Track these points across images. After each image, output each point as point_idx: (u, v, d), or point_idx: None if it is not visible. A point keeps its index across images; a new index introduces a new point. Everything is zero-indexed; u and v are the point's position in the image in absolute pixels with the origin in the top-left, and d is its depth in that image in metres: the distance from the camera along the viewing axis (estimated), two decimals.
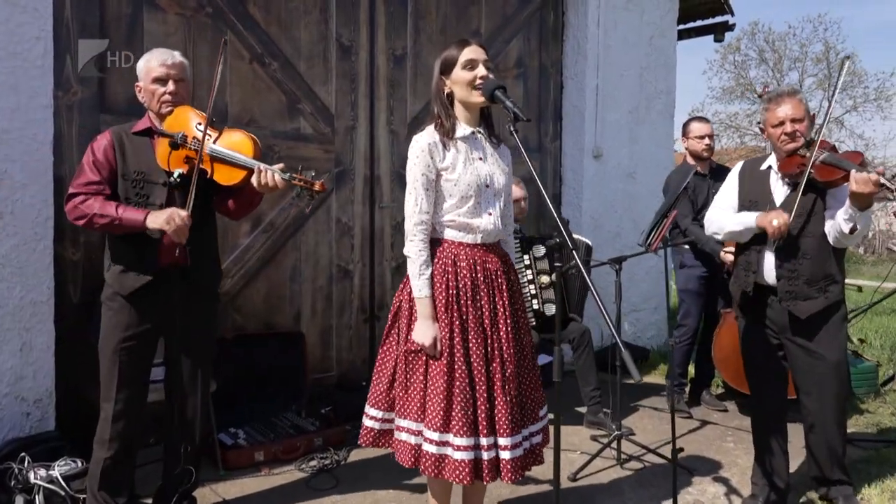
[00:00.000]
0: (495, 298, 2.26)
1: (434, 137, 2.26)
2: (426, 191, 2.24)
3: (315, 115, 4.09)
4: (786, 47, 24.25)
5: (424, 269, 2.23)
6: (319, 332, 4.18)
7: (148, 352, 2.56)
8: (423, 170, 2.23)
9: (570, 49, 5.47)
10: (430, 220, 2.26)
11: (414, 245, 2.24)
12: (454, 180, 2.24)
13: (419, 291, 2.22)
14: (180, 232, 2.34)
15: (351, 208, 4.27)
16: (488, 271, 2.27)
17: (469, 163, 2.26)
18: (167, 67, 2.54)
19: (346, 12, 4.19)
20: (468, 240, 2.27)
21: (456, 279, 2.24)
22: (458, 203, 2.25)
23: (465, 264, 2.25)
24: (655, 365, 5.44)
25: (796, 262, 2.74)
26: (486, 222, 2.27)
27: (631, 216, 5.82)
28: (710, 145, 4.23)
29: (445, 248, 2.27)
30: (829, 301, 2.74)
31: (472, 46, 2.26)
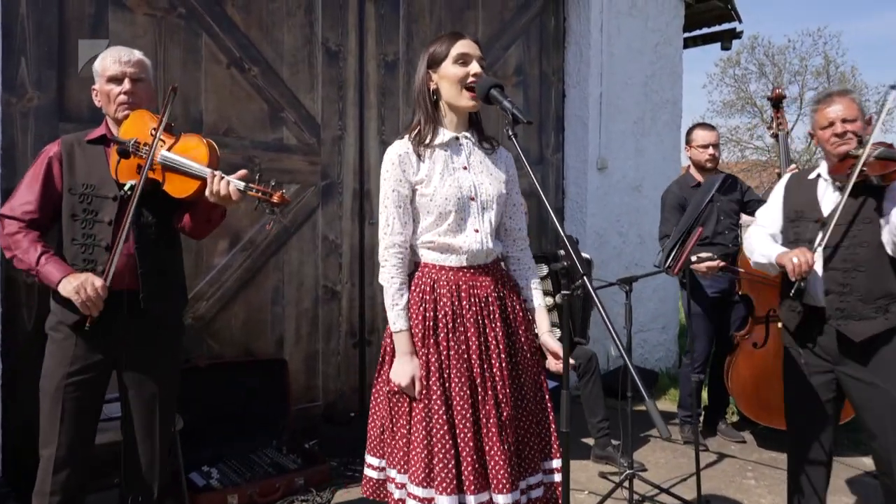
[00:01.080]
0: (485, 328, 1.95)
1: (406, 147, 1.97)
2: (398, 209, 1.95)
3: (300, 125, 3.80)
4: (786, 61, 24.14)
5: (398, 298, 1.94)
6: (304, 358, 3.86)
7: (98, 389, 2.23)
8: (393, 185, 1.95)
9: (571, 56, 5.20)
10: (404, 243, 1.97)
11: (386, 272, 1.96)
12: (429, 195, 1.95)
13: (394, 324, 1.94)
14: (91, 304, 2.04)
15: (339, 224, 3.97)
16: (476, 297, 1.96)
17: (448, 173, 1.97)
18: (122, 65, 2.23)
19: (333, 15, 3.92)
20: (451, 262, 1.97)
21: (434, 307, 1.94)
22: (437, 221, 1.96)
23: (445, 290, 1.95)
24: (665, 389, 5.12)
25: (848, 275, 2.41)
26: (470, 241, 1.97)
27: (637, 231, 5.52)
28: (714, 155, 3.93)
29: (424, 274, 1.98)
30: (890, 324, 2.38)
31: (466, 40, 1.97)
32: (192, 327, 3.45)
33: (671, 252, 2.72)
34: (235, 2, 3.56)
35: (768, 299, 3.72)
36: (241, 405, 3.45)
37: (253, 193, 2.03)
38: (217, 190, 2.03)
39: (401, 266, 1.96)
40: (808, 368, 2.55)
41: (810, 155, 23.92)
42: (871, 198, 2.41)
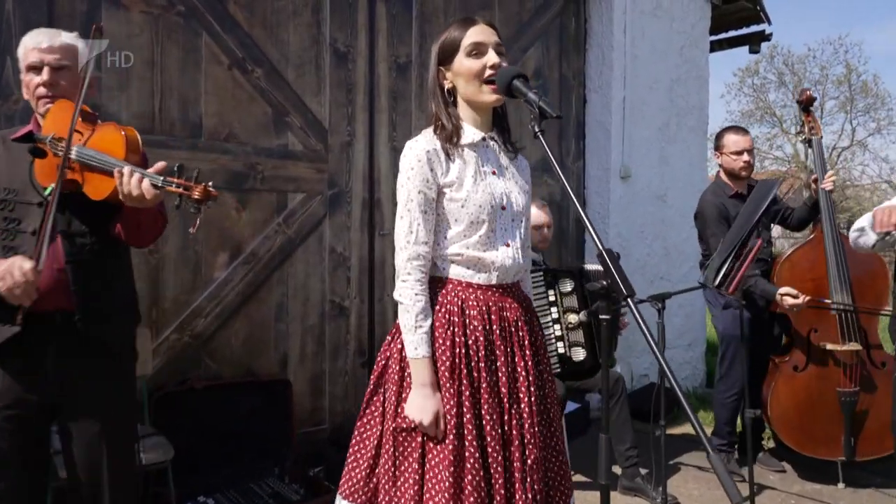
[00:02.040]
0: (515, 358, 1.70)
1: (434, 144, 1.71)
2: (424, 214, 1.68)
3: (305, 130, 3.58)
4: (805, 70, 23.74)
5: (422, 319, 1.67)
6: (309, 378, 3.61)
7: (35, 425, 1.92)
8: (419, 185, 1.67)
9: (593, 59, 4.95)
10: (429, 254, 1.71)
11: (408, 287, 1.68)
12: (461, 200, 1.69)
13: (415, 350, 1.65)
14: (22, 292, 1.72)
15: (347, 236, 3.73)
16: (506, 321, 1.71)
17: (480, 177, 1.72)
18: (42, 52, 1.90)
19: (341, 15, 3.70)
20: (480, 280, 1.72)
21: (464, 333, 1.68)
22: (467, 231, 1.70)
23: (476, 312, 1.69)
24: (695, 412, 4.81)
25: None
26: (503, 256, 1.72)
27: (662, 243, 5.24)
28: (749, 162, 3.60)
29: (450, 292, 1.71)
30: None
31: (479, 26, 1.71)
32: (190, 346, 3.22)
33: (721, 268, 2.43)
34: (238, 0, 3.36)
35: (807, 317, 3.44)
36: (241, 430, 3.21)
37: (172, 189, 1.70)
38: (127, 189, 1.70)
39: (425, 280, 1.70)
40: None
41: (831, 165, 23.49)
42: None
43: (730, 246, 2.44)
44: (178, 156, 3.16)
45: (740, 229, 2.42)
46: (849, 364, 3.34)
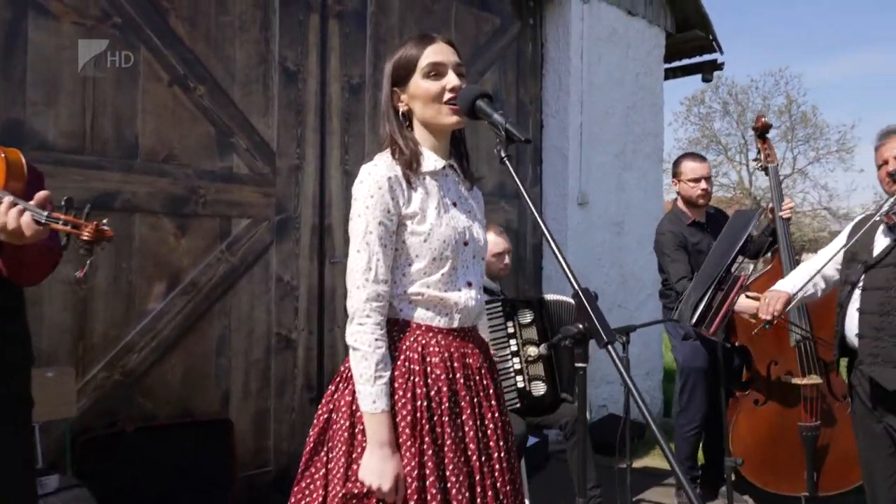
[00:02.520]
0: (482, 409, 1.54)
1: (395, 170, 1.53)
2: (384, 248, 1.49)
3: (252, 152, 3.38)
4: (748, 100, 24.51)
5: (383, 369, 1.46)
6: (253, 417, 3.37)
7: None
8: (380, 216, 1.49)
9: (550, 84, 4.89)
10: (388, 294, 1.52)
11: (367, 332, 1.48)
12: (424, 234, 1.52)
13: (373, 404, 1.45)
14: None
15: (295, 264, 3.53)
16: (469, 369, 1.54)
17: (443, 209, 1.56)
18: None
19: (291, 32, 3.53)
20: (441, 323, 1.54)
21: (426, 384, 1.50)
22: (429, 268, 1.53)
23: (438, 360, 1.51)
24: (653, 444, 4.72)
25: (884, 318, 2.27)
26: (465, 297, 1.56)
27: (619, 271, 5.18)
28: (706, 189, 3.55)
29: (410, 337, 1.53)
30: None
31: (438, 44, 1.56)
32: (120, 384, 2.96)
33: (698, 304, 2.31)
34: (180, 13, 3.16)
35: (767, 350, 3.37)
36: (178, 475, 2.95)
37: (58, 227, 1.48)
38: (3, 222, 1.46)
39: (384, 325, 1.51)
40: (857, 417, 2.48)
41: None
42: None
43: (707, 281, 2.32)
44: (111, 178, 2.93)
45: (717, 264, 2.31)
46: (809, 397, 3.28)
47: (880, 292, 2.32)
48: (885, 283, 2.31)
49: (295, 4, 3.54)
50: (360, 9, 3.83)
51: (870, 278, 2.36)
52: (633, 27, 5.26)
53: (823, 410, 3.29)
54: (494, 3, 4.56)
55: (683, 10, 5.57)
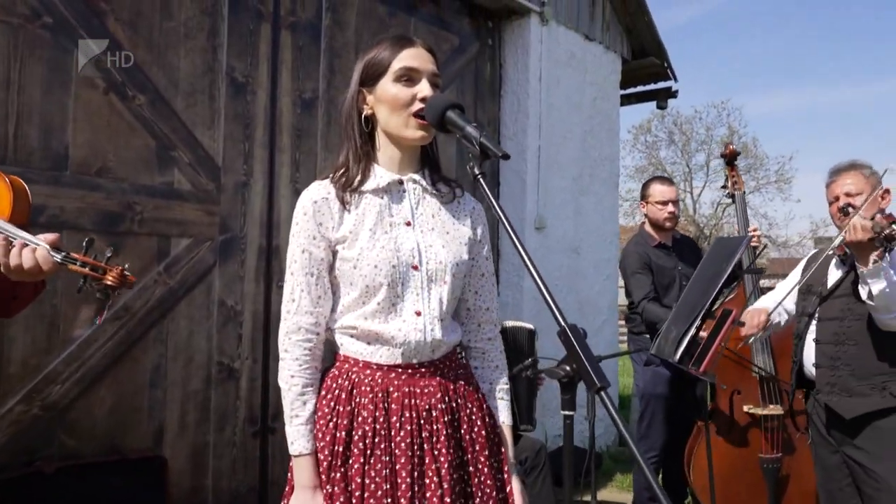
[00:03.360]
0: (423, 457, 1.35)
1: (327, 191, 1.41)
2: (309, 277, 1.38)
3: (195, 167, 3.16)
4: (692, 130, 25.22)
5: (300, 407, 1.37)
6: (190, 453, 3.11)
7: None
8: (304, 243, 1.39)
9: (508, 106, 4.81)
10: (316, 326, 1.40)
11: (283, 367, 1.40)
12: (353, 260, 1.37)
13: (291, 445, 1.37)
14: None
15: (240, 287, 3.30)
16: (414, 410, 1.37)
17: (381, 230, 1.40)
18: None
19: (241, 42, 3.34)
20: (380, 358, 1.39)
21: (349, 425, 1.35)
22: (362, 298, 1.38)
23: (367, 400, 1.36)
24: (611, 474, 4.61)
25: (839, 348, 2.32)
26: (408, 328, 1.38)
27: (576, 296, 5.09)
28: (673, 212, 3.54)
29: (341, 372, 1.40)
30: (889, 403, 2.21)
31: (416, 49, 1.42)
32: (40, 419, 2.68)
33: (681, 339, 2.16)
34: (120, 16, 2.94)
35: (731, 378, 3.30)
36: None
37: (76, 268, 1.37)
38: (17, 262, 1.34)
39: (308, 360, 1.38)
40: (814, 447, 2.52)
41: (717, 220, 24.89)
42: None
43: (689, 315, 2.19)
44: (36, 191, 2.62)
45: (701, 295, 2.19)
46: (770, 428, 3.21)
47: (835, 322, 2.36)
48: (838, 314, 2.36)
49: (245, 13, 3.35)
50: (314, 21, 3.66)
51: (824, 309, 2.41)
52: (591, 52, 5.25)
53: (785, 442, 3.23)
54: (453, 23, 4.46)
55: (639, 38, 5.59)
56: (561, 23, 4.94)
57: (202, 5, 3.19)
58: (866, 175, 2.39)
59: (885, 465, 2.20)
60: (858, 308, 2.30)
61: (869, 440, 2.25)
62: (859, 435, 2.28)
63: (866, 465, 2.26)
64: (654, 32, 5.53)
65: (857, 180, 2.39)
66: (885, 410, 2.23)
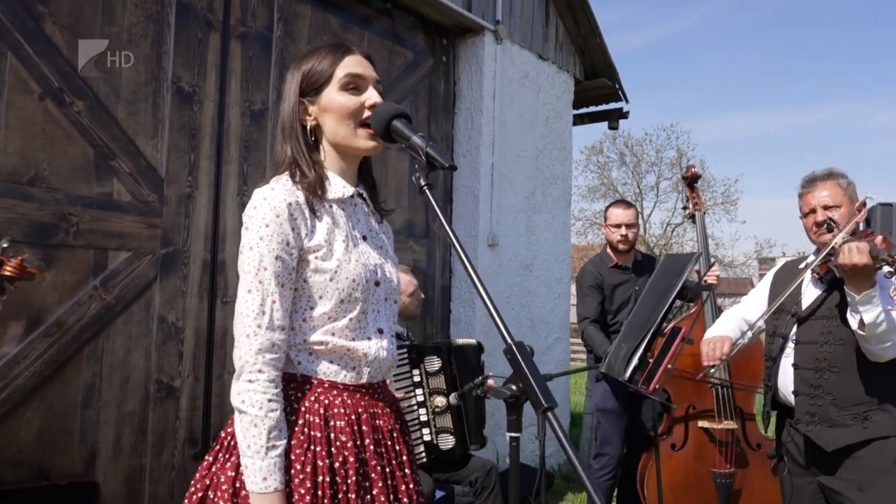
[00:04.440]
0: (395, 481, 1.30)
1: (296, 195, 1.29)
2: (282, 288, 1.24)
3: (136, 178, 3.04)
4: (643, 152, 25.78)
5: (276, 438, 1.20)
6: (125, 477, 2.96)
7: None
8: (277, 249, 1.24)
9: (462, 123, 4.80)
10: (285, 344, 1.26)
11: (258, 391, 1.21)
12: (331, 271, 1.28)
13: (262, 482, 1.17)
14: None
15: (182, 303, 3.18)
16: (380, 432, 1.31)
17: (352, 243, 1.33)
18: None
19: (188, 51, 3.25)
20: (347, 378, 1.30)
21: (329, 454, 1.24)
22: (335, 311, 1.29)
23: (343, 424, 1.27)
24: (562, 493, 4.58)
25: (820, 375, 2.16)
26: (377, 346, 1.33)
27: (528, 314, 5.08)
28: (626, 236, 3.62)
29: (311, 396, 1.28)
30: (870, 434, 2.09)
31: (357, 56, 1.36)
32: None
33: (631, 357, 2.15)
34: (58, 19, 2.82)
35: (687, 394, 3.32)
36: None
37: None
38: None
39: (279, 383, 1.24)
40: (790, 477, 2.32)
41: (667, 240, 25.42)
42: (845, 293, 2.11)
43: (639, 332, 2.18)
44: None
45: (651, 314, 2.18)
46: (725, 442, 3.24)
47: (814, 346, 2.21)
48: (818, 337, 2.21)
49: (193, 21, 3.27)
50: (265, 32, 3.59)
51: (802, 331, 2.26)
52: (545, 71, 5.29)
53: (738, 457, 3.25)
54: (408, 38, 4.44)
55: (592, 59, 5.67)
56: (515, 42, 4.98)
57: (147, 12, 3.09)
58: (843, 185, 2.25)
59: (865, 494, 2.10)
60: (840, 332, 2.16)
61: (848, 470, 2.15)
62: (838, 464, 2.17)
63: (844, 495, 2.15)
64: (605, 54, 5.62)
65: (834, 191, 2.23)
66: (866, 444, 2.12)
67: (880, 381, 2.12)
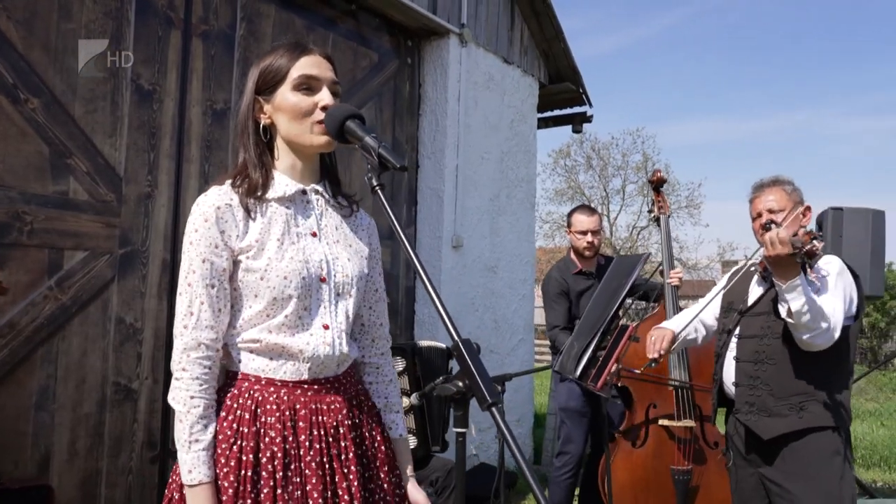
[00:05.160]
0: (334, 476, 1.31)
1: (229, 197, 1.33)
2: (210, 289, 1.29)
3: (93, 176, 3.00)
4: (609, 155, 26.09)
5: (200, 432, 1.26)
6: (80, 481, 2.91)
7: None
8: (205, 252, 1.30)
9: (427, 125, 4.82)
10: (216, 342, 1.30)
11: (182, 388, 1.28)
12: (260, 270, 1.31)
13: (188, 474, 1.24)
14: None
15: (140, 304, 3.14)
16: (322, 428, 1.32)
17: (290, 240, 1.35)
18: None
19: (148, 48, 3.21)
20: (285, 374, 1.33)
21: (256, 448, 1.27)
22: (269, 309, 1.32)
23: (274, 419, 1.29)
24: (525, 493, 4.62)
25: (758, 367, 2.28)
26: (316, 342, 1.34)
27: (492, 315, 5.12)
28: (592, 242, 3.61)
29: (242, 392, 1.31)
30: (805, 423, 2.18)
31: (314, 56, 1.37)
32: None
33: (581, 356, 2.20)
34: (13, 14, 2.77)
35: (648, 393, 3.38)
36: None
37: None
38: None
39: (208, 379, 1.29)
40: (734, 469, 2.42)
41: (633, 243, 25.77)
42: None
43: (590, 331, 2.23)
44: None
45: (601, 312, 2.23)
46: (683, 440, 3.30)
47: (754, 340, 2.31)
48: (758, 331, 2.32)
49: (154, 18, 3.23)
50: (228, 31, 3.57)
51: (744, 326, 2.37)
52: (509, 75, 5.34)
53: (696, 454, 3.32)
54: (373, 39, 4.45)
55: (556, 63, 5.74)
56: (480, 45, 5.02)
57: (106, 8, 3.05)
58: (788, 191, 2.37)
59: (801, 485, 2.18)
60: (778, 326, 2.27)
61: (786, 461, 2.23)
62: (777, 455, 2.26)
63: (782, 485, 2.23)
64: (570, 58, 5.69)
65: (779, 196, 2.35)
66: (801, 431, 2.20)
67: (817, 374, 2.21)
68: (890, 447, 6.17)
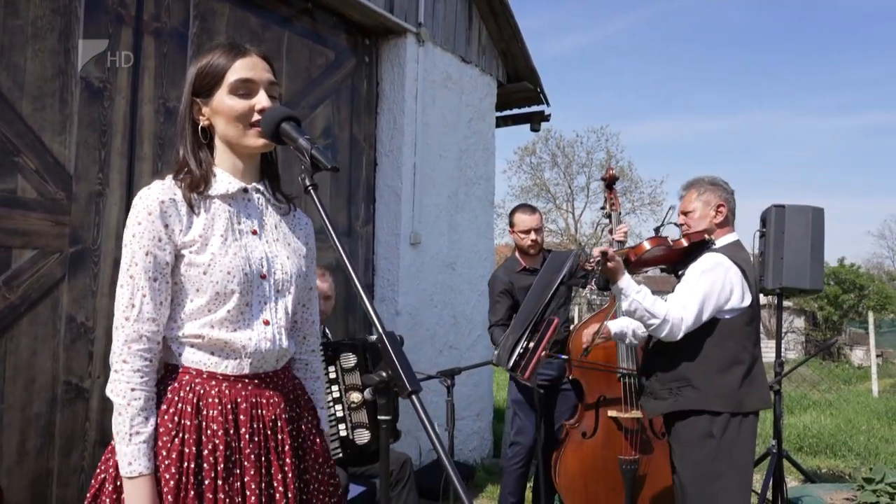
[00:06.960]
0: (270, 468, 1.35)
1: (173, 192, 1.35)
2: (152, 282, 1.31)
3: (42, 174, 2.97)
4: (574, 153, 26.37)
5: (140, 424, 1.28)
6: (30, 482, 2.89)
7: None
8: (148, 245, 1.31)
9: (384, 123, 4.85)
10: (157, 335, 1.33)
11: (122, 380, 1.29)
12: (204, 265, 1.34)
13: (128, 466, 1.26)
14: None
15: (91, 302, 3.13)
16: (260, 421, 1.36)
17: (233, 237, 1.38)
18: None
19: (98, 45, 3.19)
20: (227, 369, 1.36)
21: (198, 441, 1.31)
22: (211, 304, 1.35)
23: (216, 413, 1.33)
24: (483, 486, 4.69)
25: (653, 357, 2.66)
26: (258, 338, 1.38)
27: (451, 311, 5.18)
28: (535, 240, 3.65)
29: (184, 386, 1.34)
30: (678, 406, 2.51)
31: (250, 58, 1.40)
32: None
33: (514, 348, 2.28)
34: None
35: (598, 385, 3.48)
36: None
37: None
38: None
39: (149, 371, 1.31)
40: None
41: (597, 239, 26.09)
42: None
43: (523, 324, 2.31)
44: None
45: (533, 306, 2.31)
46: (631, 430, 3.40)
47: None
48: None
49: (104, 16, 3.21)
50: (181, 29, 3.56)
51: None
52: (467, 74, 5.40)
53: (643, 444, 3.42)
54: (329, 38, 4.46)
55: (514, 63, 5.82)
56: (437, 44, 5.07)
57: (54, 4, 3.02)
58: (699, 192, 2.64)
59: (680, 462, 2.54)
60: None
61: (672, 439, 2.60)
62: (670, 434, 2.62)
63: (673, 462, 2.62)
64: (527, 58, 5.77)
65: (688, 199, 2.64)
66: (678, 413, 2.51)
67: (692, 362, 2.50)
68: (835, 435, 6.41)
